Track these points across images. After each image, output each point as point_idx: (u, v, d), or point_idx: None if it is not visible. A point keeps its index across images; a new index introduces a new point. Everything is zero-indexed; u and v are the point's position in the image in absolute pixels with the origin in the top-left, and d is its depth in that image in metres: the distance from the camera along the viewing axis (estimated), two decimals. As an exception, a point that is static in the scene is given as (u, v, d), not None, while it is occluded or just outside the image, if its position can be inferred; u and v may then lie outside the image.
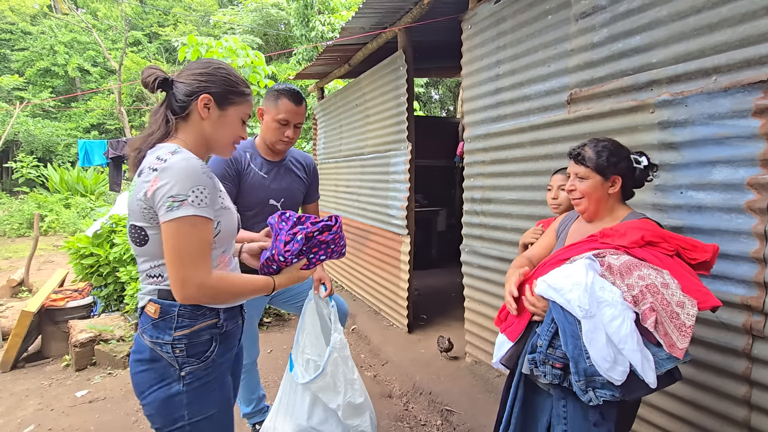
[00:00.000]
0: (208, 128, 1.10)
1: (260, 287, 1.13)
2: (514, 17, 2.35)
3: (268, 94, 1.75)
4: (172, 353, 1.02)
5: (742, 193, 1.45)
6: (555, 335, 1.20)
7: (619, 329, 1.09)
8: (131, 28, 16.89)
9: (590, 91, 1.94)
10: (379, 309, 4.01)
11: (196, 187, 0.97)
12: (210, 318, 1.08)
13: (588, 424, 1.19)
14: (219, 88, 1.09)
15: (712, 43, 1.50)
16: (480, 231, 2.73)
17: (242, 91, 1.14)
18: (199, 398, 1.05)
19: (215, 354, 1.08)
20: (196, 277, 0.97)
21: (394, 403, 2.60)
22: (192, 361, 1.04)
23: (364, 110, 4.10)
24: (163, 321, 1.03)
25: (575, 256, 1.27)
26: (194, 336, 1.05)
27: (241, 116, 1.14)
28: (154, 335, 1.03)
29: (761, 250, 1.40)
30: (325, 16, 10.17)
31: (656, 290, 1.12)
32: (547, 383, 1.24)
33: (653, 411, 1.74)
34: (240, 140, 1.17)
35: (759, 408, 1.44)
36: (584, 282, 1.14)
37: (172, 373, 1.03)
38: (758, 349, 1.43)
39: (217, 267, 1.10)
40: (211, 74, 1.09)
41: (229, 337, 1.15)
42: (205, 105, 1.08)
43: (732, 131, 1.46)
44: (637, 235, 1.23)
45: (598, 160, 1.35)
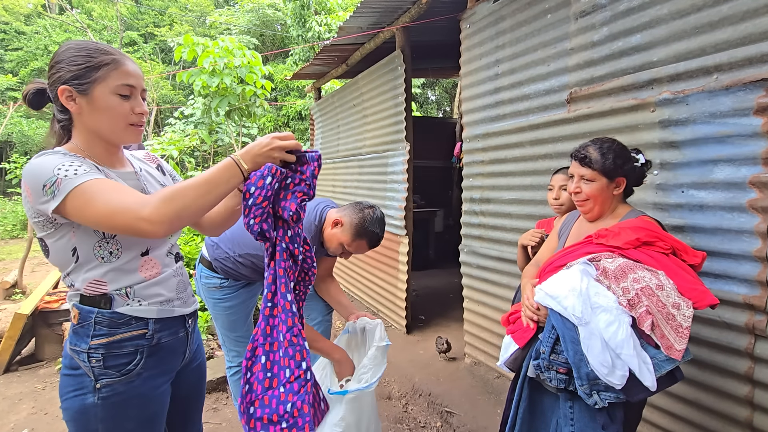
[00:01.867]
0: (87, 121, 0.96)
1: (220, 173, 0.91)
2: (513, 16, 2.34)
3: None
4: (87, 362, 0.95)
5: (744, 191, 1.44)
6: (557, 341, 1.21)
7: (616, 334, 1.10)
8: (126, 28, 16.80)
9: (590, 90, 1.94)
10: (378, 310, 3.99)
11: (57, 167, 0.87)
12: (135, 328, 0.99)
13: (595, 425, 1.19)
14: (71, 71, 0.93)
15: (714, 41, 1.49)
16: (479, 231, 2.72)
17: (101, 62, 0.94)
18: (115, 414, 0.97)
19: (140, 368, 0.99)
20: (133, 218, 0.84)
21: (393, 405, 2.58)
22: (110, 374, 0.96)
23: (362, 110, 4.09)
24: (82, 328, 0.96)
25: (571, 262, 1.27)
26: (113, 346, 0.96)
27: (113, 90, 0.95)
28: (73, 342, 0.97)
29: (763, 249, 1.39)
30: (322, 17, 10.15)
31: (651, 293, 1.12)
32: (554, 387, 1.23)
33: (655, 411, 1.73)
34: (137, 116, 0.99)
35: (762, 408, 1.43)
36: (579, 288, 1.16)
37: (87, 383, 0.96)
38: (761, 348, 1.42)
39: (142, 272, 1.01)
40: (59, 61, 0.94)
41: (163, 350, 1.04)
42: (68, 97, 0.94)
43: (733, 129, 1.45)
44: (632, 236, 1.23)
45: (604, 163, 1.34)
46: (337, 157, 4.84)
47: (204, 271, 1.83)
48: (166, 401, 1.08)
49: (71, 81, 0.93)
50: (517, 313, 1.42)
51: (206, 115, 6.79)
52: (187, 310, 1.11)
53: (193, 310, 1.15)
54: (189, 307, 1.12)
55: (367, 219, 1.65)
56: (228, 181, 0.92)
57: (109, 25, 17.34)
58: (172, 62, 16.49)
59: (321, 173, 5.39)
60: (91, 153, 0.98)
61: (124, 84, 0.96)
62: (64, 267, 0.98)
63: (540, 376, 1.26)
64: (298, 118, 11.33)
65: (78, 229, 0.94)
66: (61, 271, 1.00)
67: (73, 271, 0.97)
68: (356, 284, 4.47)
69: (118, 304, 0.98)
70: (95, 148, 0.99)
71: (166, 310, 1.05)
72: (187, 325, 1.12)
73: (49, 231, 0.94)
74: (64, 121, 0.98)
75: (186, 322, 1.12)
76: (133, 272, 1.00)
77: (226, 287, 1.80)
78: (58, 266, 0.99)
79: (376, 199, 3.87)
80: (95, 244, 0.96)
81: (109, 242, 0.96)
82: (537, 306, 1.29)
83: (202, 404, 1.29)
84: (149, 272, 1.03)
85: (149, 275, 1.02)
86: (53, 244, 0.95)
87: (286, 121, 11.55)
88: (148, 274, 1.02)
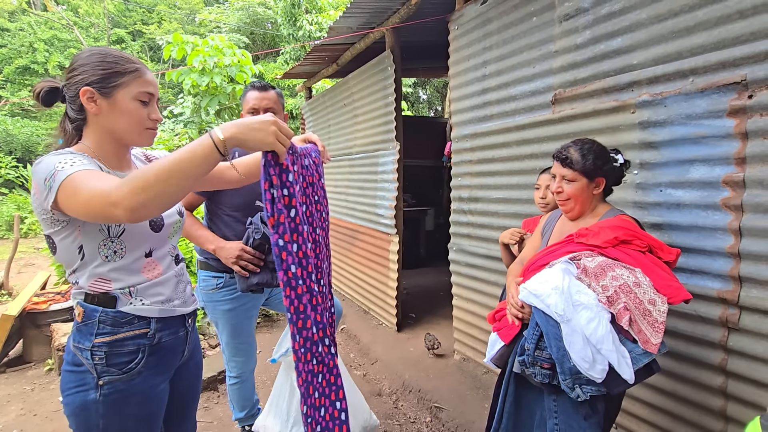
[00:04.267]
0: (105, 122, 1.01)
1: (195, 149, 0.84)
2: (500, 18, 2.39)
3: (244, 91, 1.77)
4: (90, 360, 0.98)
5: (717, 190, 1.50)
6: (540, 338, 1.26)
7: (596, 330, 1.15)
8: (114, 25, 16.58)
9: (574, 92, 1.99)
10: (369, 308, 4.02)
11: (59, 162, 0.90)
12: (138, 327, 1.02)
13: (578, 417, 1.24)
14: (96, 75, 0.98)
15: (689, 45, 1.55)
16: (467, 230, 2.76)
17: (125, 70, 1.00)
18: (116, 411, 1.00)
19: (141, 366, 1.02)
20: (104, 203, 0.82)
21: (383, 402, 2.62)
22: (112, 371, 0.99)
23: (353, 110, 4.11)
24: (86, 326, 0.99)
25: (553, 261, 1.32)
26: (116, 345, 1.00)
27: (135, 96, 1.01)
28: (76, 339, 1.00)
29: (736, 245, 1.45)
30: (313, 16, 10.14)
31: (629, 290, 1.17)
32: (538, 382, 1.28)
33: (636, 403, 1.79)
34: (152, 122, 1.05)
35: (735, 398, 1.49)
36: (561, 287, 1.21)
37: (90, 380, 0.99)
38: (733, 341, 1.48)
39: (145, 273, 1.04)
40: (83, 64, 0.99)
41: (163, 349, 1.08)
42: (89, 98, 0.98)
43: (708, 131, 1.51)
44: (610, 235, 1.29)
45: (585, 163, 1.39)
46: (327, 156, 4.85)
47: (201, 273, 1.83)
48: (164, 399, 1.11)
49: (95, 83, 0.98)
50: (502, 310, 1.46)
51: (196, 114, 6.76)
52: (186, 309, 1.14)
53: (193, 310, 1.18)
54: (188, 307, 1.16)
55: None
56: (201, 155, 0.84)
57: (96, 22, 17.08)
58: (161, 60, 16.29)
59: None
60: (100, 154, 1.02)
61: (144, 91, 1.02)
62: (70, 264, 1.01)
63: (525, 372, 1.31)
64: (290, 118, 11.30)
65: (84, 227, 0.97)
66: (66, 268, 1.03)
67: (79, 268, 1.00)
68: (347, 283, 4.50)
69: (122, 303, 1.01)
70: (105, 149, 1.03)
71: (167, 309, 1.08)
72: (186, 324, 1.15)
73: (56, 228, 0.96)
74: (78, 121, 1.02)
75: (186, 321, 1.15)
76: (137, 273, 1.04)
77: (224, 289, 1.79)
78: (64, 263, 1.02)
79: (367, 198, 3.90)
80: (100, 242, 0.99)
81: (114, 241, 1.00)
82: (521, 304, 1.34)
83: (198, 402, 1.32)
84: (151, 273, 1.06)
85: (151, 276, 1.06)
86: (60, 242, 0.98)
87: (276, 120, 11.48)
88: (150, 275, 1.06)
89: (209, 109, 6.31)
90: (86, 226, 0.97)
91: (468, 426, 2.25)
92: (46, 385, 2.84)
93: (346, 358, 3.29)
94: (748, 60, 1.40)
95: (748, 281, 1.43)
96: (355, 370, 3.06)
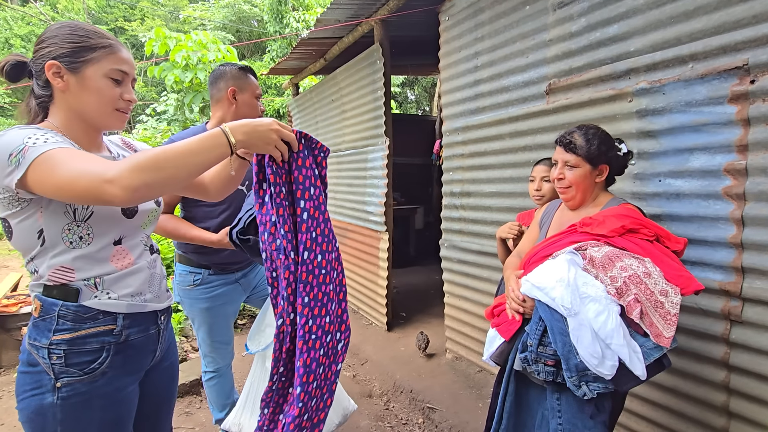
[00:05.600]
0: (72, 100, 0.93)
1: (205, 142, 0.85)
2: (492, 8, 2.33)
3: (234, 73, 1.66)
4: (47, 359, 0.88)
5: (719, 179, 1.46)
6: (544, 333, 1.19)
7: (605, 324, 1.08)
8: (95, 22, 16.16)
9: (569, 81, 1.94)
10: (358, 308, 3.93)
11: (28, 137, 0.82)
12: (103, 323, 0.93)
13: (582, 416, 1.17)
14: (65, 48, 0.91)
15: (689, 30, 1.51)
16: (459, 225, 2.70)
17: (97, 45, 0.92)
18: (76, 416, 0.90)
19: (106, 366, 0.93)
20: (98, 181, 0.77)
21: (374, 403, 2.53)
22: (71, 372, 0.89)
23: (341, 105, 4.02)
24: (43, 321, 0.90)
25: (557, 252, 1.25)
26: (77, 342, 0.90)
27: (106, 73, 0.93)
28: (32, 336, 0.90)
29: (738, 235, 1.41)
30: (300, 13, 10.02)
31: (639, 280, 1.11)
32: (541, 380, 1.21)
33: (635, 399, 1.74)
34: (125, 103, 0.97)
35: (738, 392, 1.45)
36: (566, 278, 1.13)
37: (46, 381, 0.89)
38: (736, 334, 1.44)
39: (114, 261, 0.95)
40: (51, 36, 0.92)
41: (132, 348, 0.98)
42: (55, 73, 0.91)
43: (709, 118, 1.47)
44: (617, 224, 1.22)
45: (589, 149, 1.32)
46: (315, 153, 4.76)
47: (179, 267, 1.74)
48: (133, 403, 1.01)
49: (62, 57, 0.91)
50: (501, 305, 1.39)
51: (180, 111, 6.59)
52: (159, 305, 1.04)
53: (166, 307, 1.08)
54: (162, 302, 1.06)
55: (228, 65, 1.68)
56: (212, 150, 0.85)
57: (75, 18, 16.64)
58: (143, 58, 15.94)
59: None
60: (68, 133, 0.93)
61: (117, 69, 0.95)
62: (28, 251, 0.91)
63: (527, 369, 1.24)
64: (277, 117, 11.15)
65: (47, 209, 0.87)
66: (24, 256, 0.93)
67: (38, 255, 0.90)
68: (336, 282, 4.40)
69: (86, 297, 0.91)
70: (74, 129, 0.95)
71: (137, 305, 0.98)
72: (159, 321, 1.05)
73: (14, 210, 0.86)
74: (44, 97, 0.94)
75: (158, 318, 1.05)
76: (104, 261, 0.94)
77: (202, 286, 1.70)
78: (21, 250, 0.92)
79: (356, 196, 3.81)
80: (65, 226, 0.89)
81: (80, 226, 0.90)
82: (523, 298, 1.26)
83: (173, 407, 1.21)
84: (121, 262, 0.96)
85: (121, 265, 0.96)
86: (17, 225, 0.88)
87: (263, 119, 11.33)
88: (120, 264, 0.96)
89: (193, 106, 6.15)
90: (50, 207, 0.87)
91: (462, 426, 2.18)
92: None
93: (335, 359, 3.20)
94: (750, 44, 1.36)
95: (752, 272, 1.39)
96: (345, 370, 2.96)
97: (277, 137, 0.92)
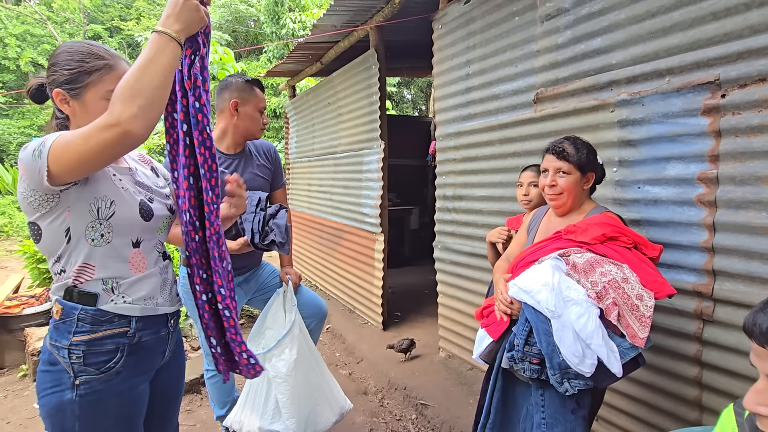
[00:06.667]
0: (81, 123, 0.96)
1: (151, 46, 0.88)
2: (483, 18, 2.41)
3: (240, 85, 1.72)
4: (68, 359, 0.96)
5: (693, 187, 1.54)
6: (530, 334, 1.27)
7: (586, 325, 1.16)
8: (90, 21, 16.10)
9: (555, 91, 2.02)
10: (354, 307, 4.01)
11: (47, 137, 0.88)
12: (118, 326, 1.00)
13: (564, 410, 1.26)
14: (64, 76, 0.96)
15: (666, 45, 1.59)
16: (452, 228, 2.78)
17: (92, 68, 0.97)
18: (93, 412, 0.97)
19: (120, 366, 1.00)
20: (104, 127, 0.82)
21: (369, 400, 2.61)
22: (89, 371, 0.97)
23: (337, 108, 4.09)
24: (64, 324, 0.97)
25: (543, 257, 1.33)
26: (95, 344, 0.97)
27: (103, 96, 0.98)
28: (53, 337, 0.98)
29: (710, 240, 1.50)
30: (296, 14, 10.05)
31: (617, 285, 1.19)
32: (527, 377, 1.30)
33: (614, 395, 1.83)
34: None
35: (709, 387, 1.54)
36: (551, 283, 1.21)
37: (66, 379, 0.96)
38: (708, 332, 1.53)
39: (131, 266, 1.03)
40: (53, 64, 0.97)
41: (144, 349, 1.05)
42: (61, 101, 0.98)
43: (684, 129, 1.56)
44: (598, 232, 1.31)
45: (580, 157, 1.41)
46: (312, 155, 4.82)
47: (182, 270, 1.80)
48: (144, 401, 1.08)
49: (64, 85, 0.97)
50: (490, 307, 1.47)
51: (177, 112, 6.61)
52: (170, 309, 1.12)
53: (176, 310, 1.16)
54: (172, 306, 1.13)
55: (234, 77, 1.73)
56: (163, 51, 0.87)
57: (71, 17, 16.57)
58: (139, 57, 15.87)
59: (296, 172, 5.39)
60: None
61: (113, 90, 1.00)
62: (55, 251, 0.98)
63: (513, 367, 1.32)
64: (273, 116, 11.18)
65: (74, 207, 0.95)
66: (49, 258, 1.00)
67: (63, 253, 0.98)
68: (331, 281, 4.48)
69: (103, 301, 0.99)
70: None
71: (150, 308, 1.06)
72: (169, 324, 1.13)
73: (44, 211, 0.94)
74: (62, 119, 1.02)
75: (168, 321, 1.13)
76: (123, 262, 1.02)
77: None
78: (48, 251, 0.99)
79: (351, 198, 3.88)
80: (88, 224, 0.97)
81: (102, 224, 0.98)
82: (511, 300, 1.34)
83: (180, 403, 1.30)
84: (137, 267, 1.04)
85: (137, 270, 1.04)
86: (48, 226, 0.95)
87: (260, 119, 11.35)
88: (136, 269, 1.04)
89: (190, 107, 6.19)
90: (77, 204, 0.95)
91: (453, 422, 2.26)
92: (20, 392, 2.74)
93: (332, 357, 3.28)
94: (721, 60, 1.45)
95: (722, 274, 1.48)
96: (341, 369, 3.05)
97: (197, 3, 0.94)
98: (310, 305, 1.96)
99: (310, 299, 1.98)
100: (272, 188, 2.00)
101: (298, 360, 1.73)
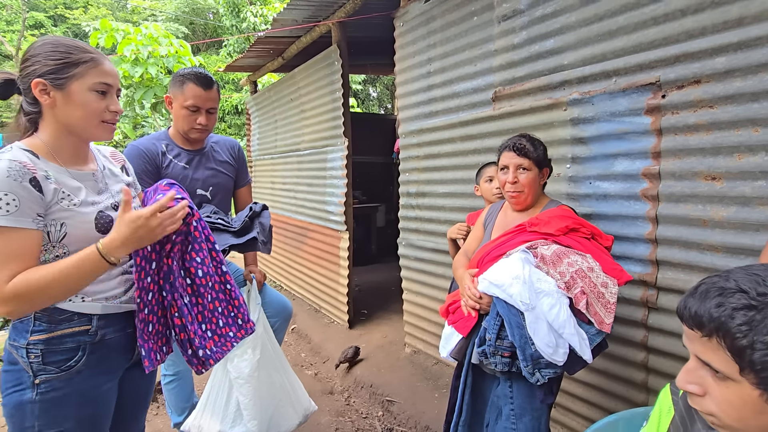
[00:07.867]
0: (60, 115, 0.98)
1: (82, 262, 0.91)
2: (443, 17, 2.44)
3: (174, 79, 1.65)
4: (26, 358, 0.95)
5: (638, 182, 1.63)
6: (501, 327, 1.28)
7: (558, 315, 1.19)
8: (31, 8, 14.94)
9: (512, 90, 2.08)
10: (320, 307, 3.97)
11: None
12: (78, 324, 0.99)
13: (532, 400, 1.30)
14: (48, 66, 0.95)
15: (612, 48, 1.67)
16: (416, 224, 2.81)
17: (79, 60, 0.97)
18: (53, 411, 0.96)
19: (82, 365, 0.99)
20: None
21: (335, 399, 2.60)
22: (49, 370, 0.96)
23: (300, 105, 4.02)
24: (21, 323, 0.96)
25: (510, 251, 1.35)
26: (53, 342, 0.96)
27: (90, 87, 0.98)
28: (12, 337, 0.98)
29: (653, 232, 1.59)
30: (257, 7, 9.79)
31: (584, 275, 1.23)
32: (498, 371, 1.32)
33: (571, 382, 1.91)
34: (111, 114, 1.02)
35: (655, 371, 1.64)
36: (522, 276, 1.23)
37: (26, 379, 0.96)
38: (653, 319, 1.63)
39: None
40: (34, 54, 0.96)
41: (107, 348, 1.04)
42: (42, 90, 0.96)
43: (629, 127, 1.64)
44: (561, 224, 1.34)
45: (537, 153, 1.46)
46: (275, 152, 4.72)
47: None
48: (110, 401, 1.05)
49: (47, 75, 0.96)
50: (455, 303, 1.46)
51: (129, 107, 6.28)
52: (135, 307, 1.08)
53: None
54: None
55: (180, 71, 1.68)
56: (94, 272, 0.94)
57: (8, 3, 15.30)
58: (88, 49, 14.93)
59: (259, 169, 5.26)
60: (56, 147, 0.98)
61: (101, 81, 0.99)
62: None
63: (483, 362, 1.33)
64: (234, 113, 10.85)
65: None
66: None
67: None
68: (296, 281, 4.41)
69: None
70: (62, 143, 1.00)
71: (112, 306, 1.03)
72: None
73: None
74: (33, 114, 0.99)
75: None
76: None
77: None
78: None
79: (316, 195, 3.84)
80: (41, 248, 0.94)
81: (55, 246, 0.95)
82: (480, 295, 1.34)
83: (149, 404, 1.27)
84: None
85: None
86: None
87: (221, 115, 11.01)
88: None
89: (144, 102, 5.90)
90: None
91: (419, 417, 2.29)
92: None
93: (297, 357, 3.23)
94: (661, 63, 1.54)
95: (664, 264, 1.58)
96: (307, 369, 3.01)
97: (159, 221, 0.97)
98: (275, 304, 1.92)
99: (274, 298, 1.93)
100: (236, 186, 1.94)
101: (262, 360, 1.68)
